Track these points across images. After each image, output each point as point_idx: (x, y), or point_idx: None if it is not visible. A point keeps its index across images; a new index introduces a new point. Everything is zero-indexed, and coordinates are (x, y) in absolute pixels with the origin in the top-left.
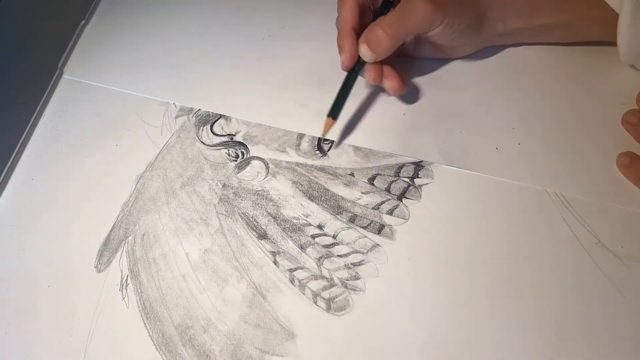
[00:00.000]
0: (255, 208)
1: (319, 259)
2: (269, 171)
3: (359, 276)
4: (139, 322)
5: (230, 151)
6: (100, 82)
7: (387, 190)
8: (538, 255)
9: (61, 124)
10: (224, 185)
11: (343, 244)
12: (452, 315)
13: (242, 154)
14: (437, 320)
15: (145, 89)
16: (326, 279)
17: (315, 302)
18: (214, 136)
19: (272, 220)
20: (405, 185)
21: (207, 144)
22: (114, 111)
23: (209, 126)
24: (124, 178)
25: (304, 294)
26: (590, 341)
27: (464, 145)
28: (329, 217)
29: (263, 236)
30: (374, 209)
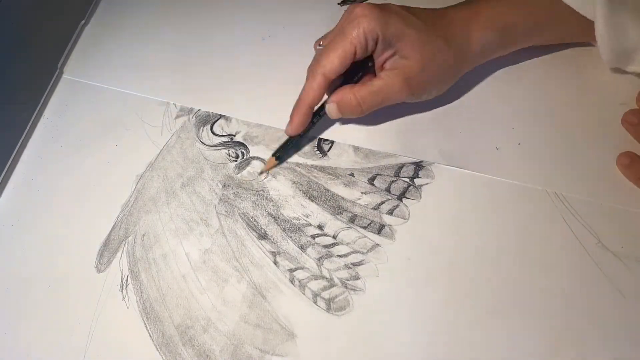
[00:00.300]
0: (256, 208)
1: (319, 259)
2: (269, 171)
3: (359, 276)
4: (139, 322)
5: (230, 151)
6: (100, 82)
7: (387, 190)
8: (538, 255)
9: (61, 124)
10: (224, 186)
11: (343, 244)
12: (452, 315)
13: (242, 154)
14: (437, 320)
15: (145, 89)
16: (326, 279)
17: (315, 302)
18: (214, 136)
19: (272, 220)
20: (405, 185)
21: (207, 144)
22: (114, 111)
23: (209, 126)
24: (124, 178)
25: (304, 294)
26: (590, 341)
27: (464, 145)
28: (329, 217)
29: (263, 236)
30: (374, 209)
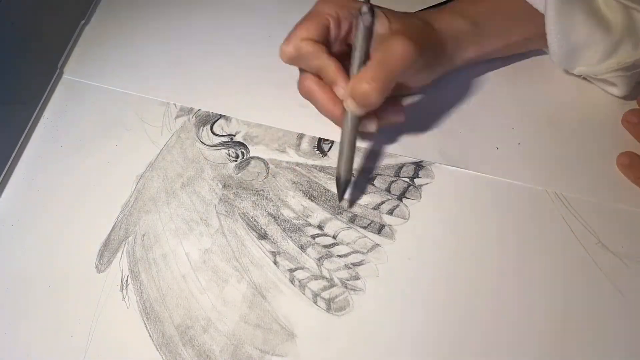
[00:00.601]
0: (256, 208)
1: (319, 259)
2: (269, 171)
3: (359, 276)
4: (139, 322)
5: (230, 151)
6: (100, 82)
7: (387, 190)
8: (538, 255)
9: (61, 124)
10: (224, 186)
11: (343, 244)
12: (452, 314)
13: (242, 154)
14: (437, 320)
15: (145, 89)
16: (326, 279)
17: (316, 302)
18: (214, 136)
19: (272, 220)
20: (405, 185)
21: (207, 144)
22: (114, 111)
23: (209, 126)
24: (124, 178)
25: (304, 294)
26: (590, 341)
27: (464, 145)
28: (329, 217)
29: (263, 236)
30: (374, 209)
